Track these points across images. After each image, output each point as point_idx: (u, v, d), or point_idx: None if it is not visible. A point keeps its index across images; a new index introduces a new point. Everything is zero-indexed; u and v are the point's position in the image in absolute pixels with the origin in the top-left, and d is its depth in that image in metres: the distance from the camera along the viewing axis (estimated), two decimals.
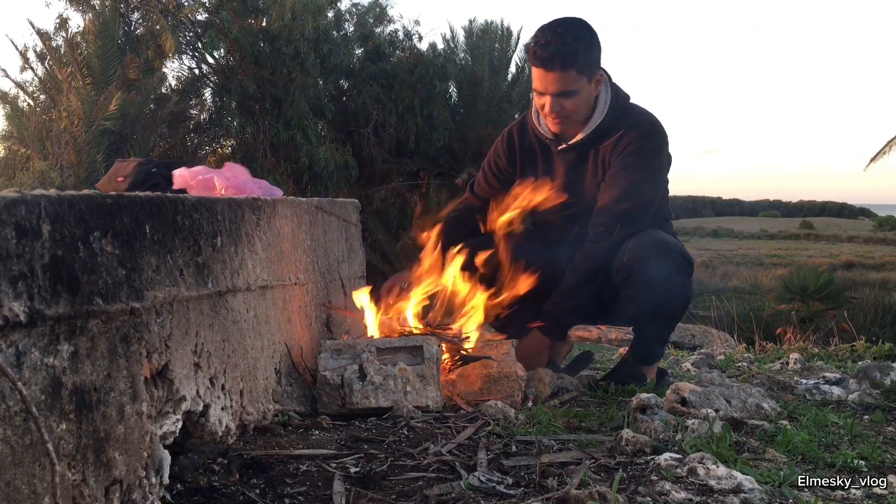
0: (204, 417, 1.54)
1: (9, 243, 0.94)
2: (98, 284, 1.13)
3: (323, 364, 2.12)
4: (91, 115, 9.75)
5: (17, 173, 10.22)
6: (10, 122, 10.84)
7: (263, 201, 1.99)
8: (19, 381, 0.93)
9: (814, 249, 40.50)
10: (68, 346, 1.04)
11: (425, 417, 2.00)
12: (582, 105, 2.45)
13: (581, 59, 2.35)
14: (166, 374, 1.36)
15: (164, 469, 1.31)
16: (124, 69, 10.21)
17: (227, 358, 1.66)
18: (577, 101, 2.42)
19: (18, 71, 12.34)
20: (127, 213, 1.24)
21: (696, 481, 1.48)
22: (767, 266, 29.14)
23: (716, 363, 3.47)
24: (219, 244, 1.65)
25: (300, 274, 2.29)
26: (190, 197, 1.54)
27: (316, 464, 1.60)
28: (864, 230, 57.71)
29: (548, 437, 1.82)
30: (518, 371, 2.29)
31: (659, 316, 2.45)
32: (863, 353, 3.98)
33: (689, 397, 2.05)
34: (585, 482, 1.46)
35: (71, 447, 1.03)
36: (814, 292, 13.79)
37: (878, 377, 2.58)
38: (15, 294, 0.94)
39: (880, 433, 1.97)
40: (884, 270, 28.31)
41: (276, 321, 2.06)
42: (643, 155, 2.46)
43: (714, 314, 7.46)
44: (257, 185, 2.68)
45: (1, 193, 0.96)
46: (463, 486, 1.46)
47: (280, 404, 2.00)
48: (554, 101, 2.42)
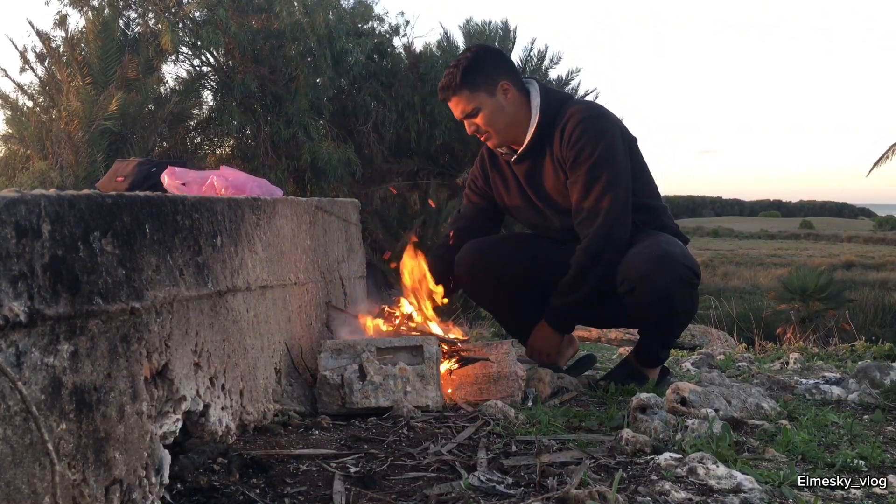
0: (204, 417, 1.54)
1: (9, 243, 0.94)
2: (98, 284, 1.13)
3: (323, 364, 2.12)
4: (91, 115, 9.75)
5: (17, 173, 10.22)
6: (10, 123, 10.84)
7: (263, 201, 1.99)
8: (19, 381, 0.93)
9: (814, 249, 40.52)
10: (68, 346, 1.04)
11: (425, 417, 2.00)
12: (494, 118, 2.49)
13: (467, 79, 2.44)
14: (166, 374, 1.36)
15: (164, 469, 1.31)
16: (124, 69, 10.21)
17: (227, 358, 1.66)
18: (487, 115, 2.48)
19: (18, 71, 12.34)
20: (127, 213, 1.23)
21: (695, 481, 1.48)
22: (767, 266, 29.14)
23: (716, 363, 3.47)
24: (219, 244, 1.65)
25: (300, 274, 2.29)
26: (190, 197, 1.54)
27: (316, 464, 1.60)
28: (864, 230, 57.71)
29: (548, 437, 1.82)
30: (518, 371, 2.29)
31: (664, 326, 2.46)
32: (863, 352, 3.99)
33: (689, 397, 2.05)
34: (585, 482, 1.46)
35: (71, 447, 1.03)
36: (814, 292, 13.80)
37: (878, 377, 2.59)
38: (15, 294, 0.94)
39: (880, 433, 1.97)
40: (884, 270, 28.32)
41: (276, 321, 2.06)
42: (590, 139, 2.42)
43: (714, 314, 7.46)
44: (257, 185, 2.68)
45: (1, 193, 0.96)
46: (463, 485, 1.46)
47: (280, 404, 2.00)
48: (467, 124, 2.54)
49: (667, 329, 2.48)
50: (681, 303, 2.39)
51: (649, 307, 2.37)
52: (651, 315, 2.41)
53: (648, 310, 2.38)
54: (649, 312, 2.40)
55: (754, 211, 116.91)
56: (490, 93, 2.47)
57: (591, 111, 2.48)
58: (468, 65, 2.44)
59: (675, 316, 2.43)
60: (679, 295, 2.36)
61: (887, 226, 58.51)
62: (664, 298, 2.34)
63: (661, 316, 2.40)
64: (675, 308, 2.39)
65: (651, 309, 2.38)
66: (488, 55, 2.51)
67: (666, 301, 2.35)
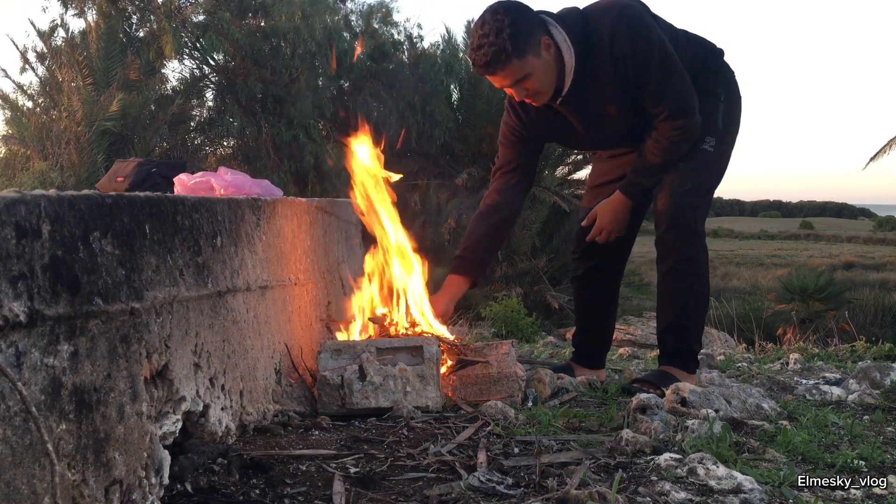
0: (204, 417, 1.54)
1: (9, 243, 0.94)
2: (98, 284, 1.13)
3: (323, 364, 2.12)
4: (91, 116, 9.76)
5: (18, 173, 10.22)
6: (11, 123, 10.85)
7: (263, 201, 1.99)
8: (19, 382, 0.93)
9: (814, 249, 40.50)
10: (68, 347, 1.04)
11: (425, 417, 2.00)
12: (545, 78, 2.33)
13: (513, 48, 2.23)
14: (166, 375, 1.36)
15: (164, 469, 1.31)
16: (125, 70, 10.22)
17: (226, 358, 1.66)
18: (539, 78, 2.32)
19: (19, 72, 12.34)
20: (127, 214, 1.24)
21: (696, 481, 1.48)
22: (767, 266, 29.14)
23: (716, 363, 3.46)
24: (219, 244, 1.65)
25: (300, 274, 2.29)
26: (190, 197, 1.54)
27: (316, 464, 1.60)
28: (864, 230, 57.69)
29: (548, 437, 1.82)
30: (518, 371, 2.29)
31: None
32: (863, 353, 3.99)
33: (689, 397, 2.05)
34: (585, 482, 1.46)
35: (71, 447, 1.03)
36: (814, 292, 13.81)
37: (878, 377, 2.58)
38: (15, 294, 0.94)
39: (880, 433, 1.97)
40: (884, 270, 28.32)
41: (276, 321, 2.06)
42: (644, 52, 2.30)
43: (714, 314, 7.46)
44: (257, 185, 2.68)
45: (1, 193, 0.96)
46: (463, 486, 1.46)
47: (280, 404, 2.00)
48: (516, 90, 2.37)
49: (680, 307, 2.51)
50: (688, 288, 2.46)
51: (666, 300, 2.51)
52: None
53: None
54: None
55: (754, 211, 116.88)
56: (536, 54, 2.29)
57: (625, 17, 2.31)
58: (512, 31, 2.23)
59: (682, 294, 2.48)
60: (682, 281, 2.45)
61: (887, 226, 58.51)
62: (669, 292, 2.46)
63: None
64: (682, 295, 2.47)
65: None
66: (523, 14, 2.29)
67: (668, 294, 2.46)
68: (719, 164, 2.49)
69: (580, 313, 2.87)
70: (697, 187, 2.42)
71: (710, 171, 2.46)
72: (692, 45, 2.49)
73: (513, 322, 8.52)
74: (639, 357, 4.18)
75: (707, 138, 2.43)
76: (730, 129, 2.50)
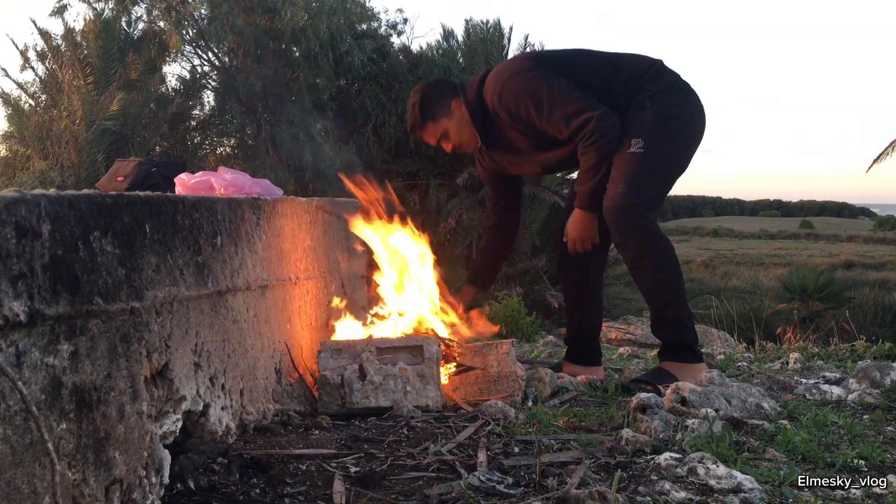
0: (204, 417, 1.54)
1: (9, 243, 0.94)
2: (98, 284, 1.13)
3: (323, 364, 2.12)
4: (92, 115, 9.75)
5: (18, 173, 10.22)
6: (11, 122, 10.84)
7: (263, 201, 1.99)
8: (19, 381, 0.93)
9: (814, 249, 40.47)
10: (68, 346, 1.04)
11: (425, 417, 2.00)
12: (461, 132, 2.78)
13: (422, 116, 2.76)
14: (166, 374, 1.36)
15: (164, 469, 1.31)
16: (126, 69, 10.21)
17: (227, 357, 1.66)
18: (454, 132, 2.78)
19: (19, 70, 12.33)
20: (127, 213, 1.24)
21: (695, 481, 1.48)
22: (767, 266, 29.12)
23: (716, 363, 3.46)
24: (219, 244, 1.65)
25: (300, 273, 2.29)
26: (190, 196, 1.54)
27: (316, 463, 1.60)
28: (864, 230, 57.65)
29: (548, 437, 1.82)
30: (518, 371, 2.29)
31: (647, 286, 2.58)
32: (863, 352, 3.98)
33: (689, 397, 2.05)
34: (585, 482, 1.46)
35: (71, 447, 1.03)
36: (814, 292, 13.80)
37: (878, 377, 2.58)
38: (15, 294, 0.94)
39: (880, 433, 1.97)
40: (884, 270, 28.30)
41: (276, 321, 2.06)
42: (525, 107, 2.61)
43: (714, 314, 7.46)
44: (257, 185, 2.68)
45: (1, 193, 0.96)
46: (463, 485, 1.46)
47: (280, 404, 2.00)
48: (442, 144, 2.85)
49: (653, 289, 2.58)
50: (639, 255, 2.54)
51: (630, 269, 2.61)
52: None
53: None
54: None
55: (754, 211, 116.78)
56: (448, 116, 2.77)
57: (496, 82, 2.67)
58: (422, 103, 2.77)
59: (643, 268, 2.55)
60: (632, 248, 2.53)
61: (887, 226, 58.47)
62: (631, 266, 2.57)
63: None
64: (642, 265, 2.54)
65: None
66: (434, 88, 2.83)
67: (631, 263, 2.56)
68: (657, 160, 2.58)
69: (567, 293, 3.04)
70: (630, 187, 2.52)
71: (643, 170, 2.54)
72: (626, 63, 2.70)
73: (513, 321, 8.52)
74: (639, 356, 4.18)
75: (633, 141, 2.55)
76: (668, 126, 2.60)
